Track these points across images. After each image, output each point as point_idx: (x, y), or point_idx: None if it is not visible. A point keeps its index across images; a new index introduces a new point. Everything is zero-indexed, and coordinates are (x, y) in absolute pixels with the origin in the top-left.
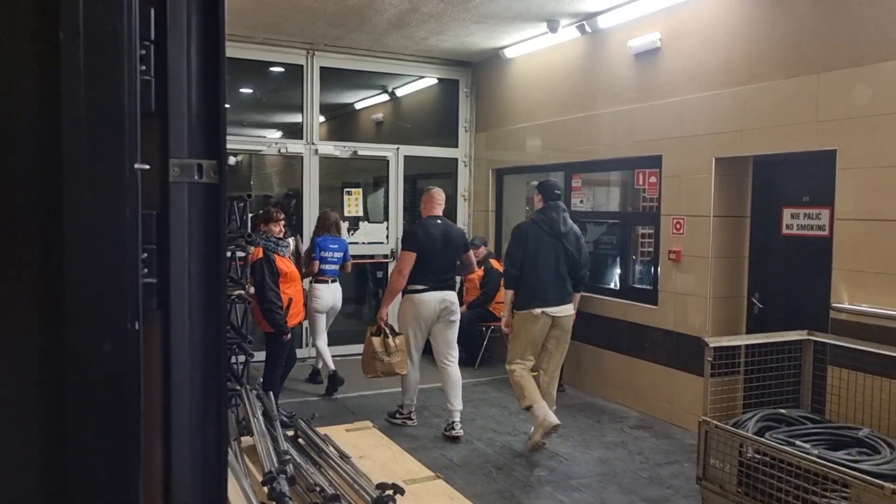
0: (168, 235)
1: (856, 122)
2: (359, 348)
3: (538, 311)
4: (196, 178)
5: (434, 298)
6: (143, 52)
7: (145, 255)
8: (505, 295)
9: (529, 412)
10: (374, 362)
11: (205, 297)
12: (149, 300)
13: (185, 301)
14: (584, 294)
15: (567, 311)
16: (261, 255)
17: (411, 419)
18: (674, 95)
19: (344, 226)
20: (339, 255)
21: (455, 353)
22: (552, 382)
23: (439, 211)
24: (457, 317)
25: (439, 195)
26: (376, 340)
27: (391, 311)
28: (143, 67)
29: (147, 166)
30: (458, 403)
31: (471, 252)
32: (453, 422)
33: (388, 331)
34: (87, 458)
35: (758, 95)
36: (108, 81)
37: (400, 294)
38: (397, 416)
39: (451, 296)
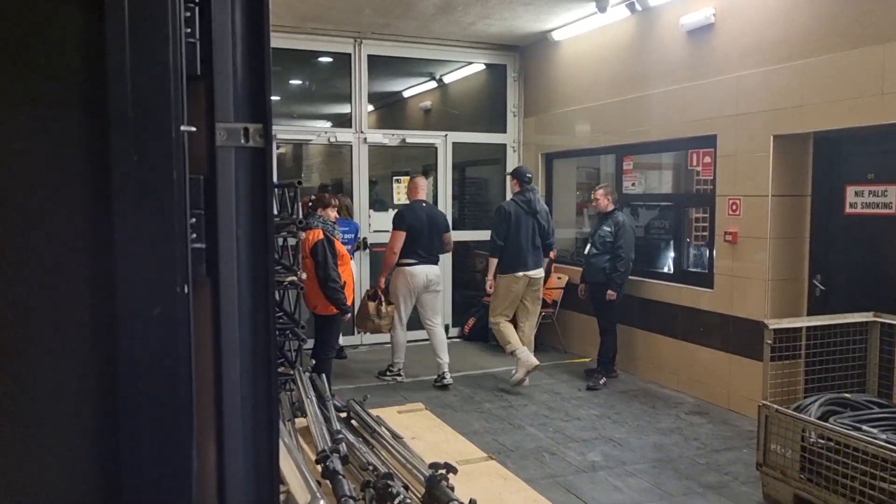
0: (216, 200)
1: None
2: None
3: (520, 273)
4: (242, 142)
5: (422, 271)
6: (188, 14)
7: (193, 220)
8: (490, 262)
9: (514, 356)
10: (366, 321)
11: (253, 262)
12: (198, 266)
13: (234, 267)
14: (633, 278)
15: (540, 273)
16: (321, 236)
17: (400, 375)
18: (728, 72)
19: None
20: (351, 236)
21: (439, 318)
22: (531, 333)
23: (423, 195)
24: (440, 287)
25: (422, 182)
26: (371, 304)
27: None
28: (188, 30)
29: (193, 128)
30: (445, 357)
31: (450, 232)
32: (443, 373)
33: (382, 297)
34: (140, 418)
35: (818, 68)
36: (153, 43)
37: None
38: (388, 373)
39: (436, 269)
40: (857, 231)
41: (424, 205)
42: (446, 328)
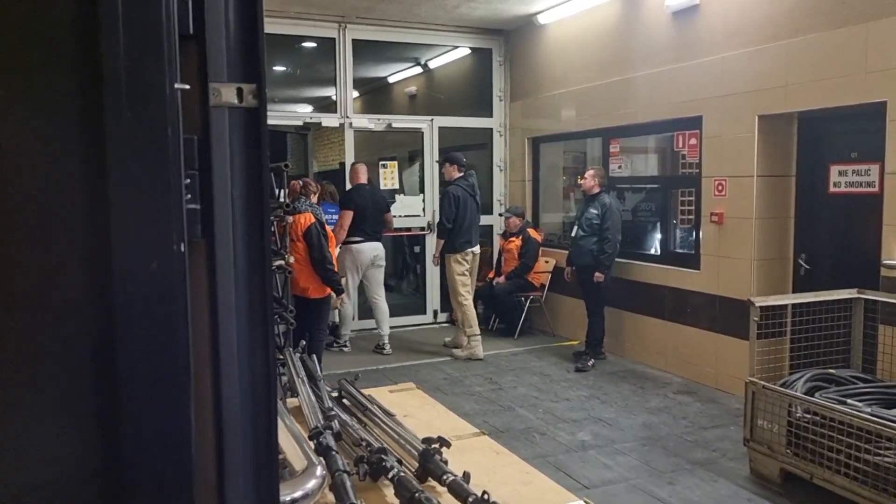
0: (210, 161)
1: None
2: (398, 321)
3: (469, 250)
4: (236, 102)
5: (368, 248)
6: None
7: (188, 180)
8: (437, 243)
9: (470, 340)
10: None
11: (248, 224)
12: (193, 227)
13: (230, 228)
14: (620, 260)
15: (478, 248)
16: (313, 220)
17: (346, 346)
18: (713, 53)
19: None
20: (335, 218)
21: (382, 292)
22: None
23: (365, 179)
24: (384, 262)
25: (363, 168)
26: None
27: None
28: None
29: (187, 86)
30: (385, 329)
31: (390, 213)
32: (383, 343)
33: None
34: (136, 378)
35: (802, 49)
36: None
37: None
38: (335, 344)
39: (381, 246)
40: (841, 210)
41: (368, 187)
42: (434, 314)
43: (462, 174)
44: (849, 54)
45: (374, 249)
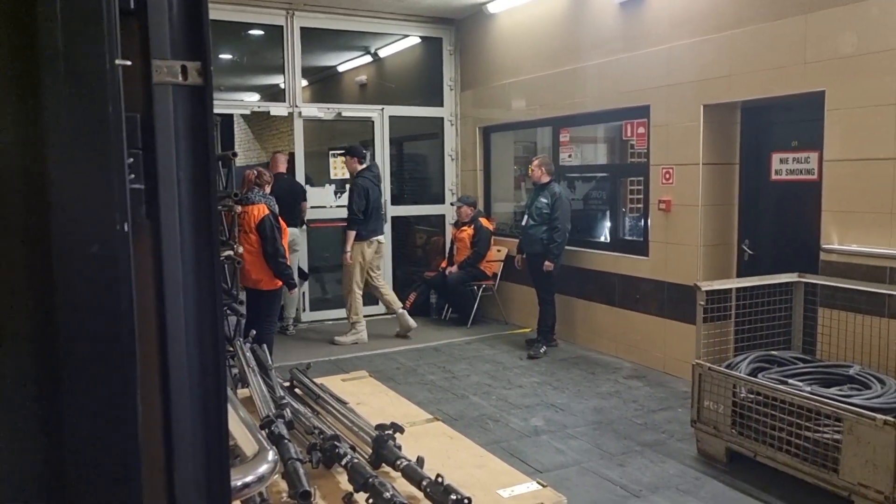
0: (154, 140)
1: (843, 63)
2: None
3: (374, 239)
4: (180, 79)
5: (288, 234)
6: None
7: (131, 159)
8: (348, 235)
9: (354, 328)
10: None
11: (195, 204)
12: (137, 208)
13: (176, 209)
14: (570, 248)
15: (383, 238)
16: (266, 212)
17: (291, 330)
18: (660, 44)
19: None
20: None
21: (296, 275)
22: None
23: (283, 169)
24: (299, 248)
25: (283, 157)
26: None
27: None
28: None
29: (128, 62)
30: (292, 312)
31: (306, 202)
32: (289, 324)
33: None
34: (80, 364)
35: (745, 39)
36: None
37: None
38: (280, 328)
39: (298, 232)
40: (783, 196)
41: (286, 177)
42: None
43: (366, 165)
44: (789, 45)
45: (290, 235)
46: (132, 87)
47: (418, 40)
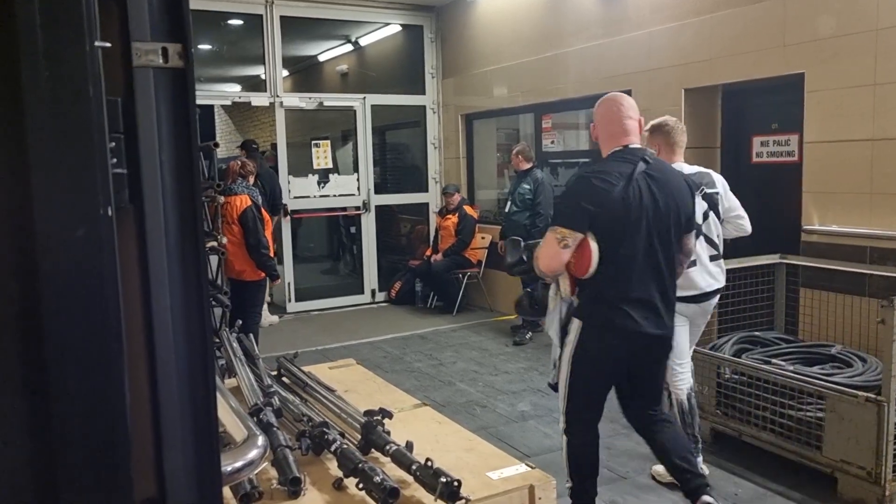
0: (135, 123)
1: (822, 44)
2: (335, 301)
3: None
4: (161, 62)
5: None
6: None
7: (112, 143)
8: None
9: None
10: None
11: (178, 189)
12: (120, 192)
13: (159, 194)
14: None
15: None
16: (249, 203)
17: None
18: (641, 28)
19: None
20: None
21: None
22: None
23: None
24: None
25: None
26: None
27: None
28: None
29: (108, 44)
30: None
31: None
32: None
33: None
34: (66, 350)
35: (724, 23)
36: None
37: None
38: None
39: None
40: (764, 179)
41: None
42: (372, 293)
43: (262, 158)
44: (768, 28)
45: None
46: (112, 71)
47: (399, 28)
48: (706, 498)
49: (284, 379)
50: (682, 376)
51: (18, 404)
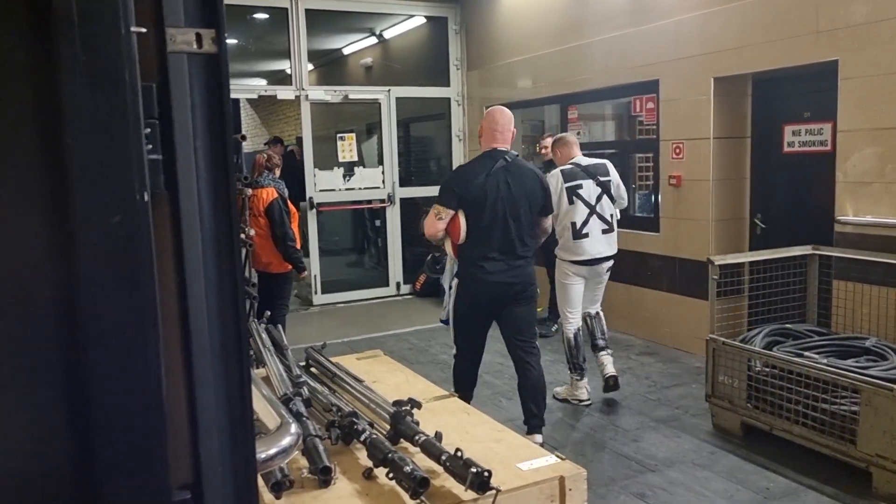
0: (170, 109)
1: (857, 31)
2: (361, 294)
3: None
4: (195, 47)
5: None
6: None
7: (147, 129)
8: None
9: None
10: None
11: (213, 176)
12: (155, 178)
13: (194, 179)
14: None
15: None
16: (275, 195)
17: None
18: (668, 17)
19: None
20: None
21: None
22: None
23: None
24: None
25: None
26: None
27: None
28: None
29: (143, 29)
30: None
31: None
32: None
33: None
34: (103, 337)
35: (755, 10)
36: None
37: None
38: None
39: None
40: (795, 169)
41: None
42: (397, 286)
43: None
44: (800, 14)
45: None
46: (147, 56)
47: (423, 20)
48: (538, 437)
49: (313, 369)
50: (571, 319)
51: (58, 394)
